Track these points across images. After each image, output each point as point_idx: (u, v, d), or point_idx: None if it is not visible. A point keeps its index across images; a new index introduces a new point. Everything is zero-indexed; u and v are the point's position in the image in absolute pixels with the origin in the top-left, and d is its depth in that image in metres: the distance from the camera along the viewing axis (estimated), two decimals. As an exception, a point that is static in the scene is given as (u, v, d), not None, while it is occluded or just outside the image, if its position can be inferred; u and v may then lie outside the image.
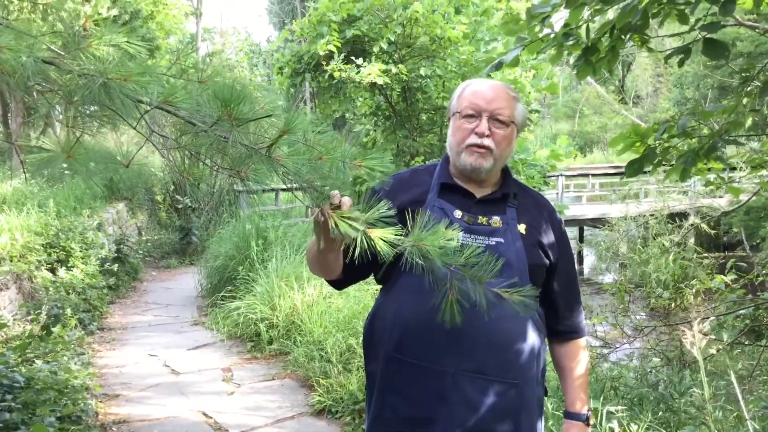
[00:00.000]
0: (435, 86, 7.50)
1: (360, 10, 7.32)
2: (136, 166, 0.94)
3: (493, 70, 2.47)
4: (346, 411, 3.86)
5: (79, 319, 5.60)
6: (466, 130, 1.62)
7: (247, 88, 0.86)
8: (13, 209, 6.78)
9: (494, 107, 1.60)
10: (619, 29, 2.28)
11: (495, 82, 1.67)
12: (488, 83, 1.66)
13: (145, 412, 3.99)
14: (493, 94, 1.62)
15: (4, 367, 3.46)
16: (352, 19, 7.40)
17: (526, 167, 7.37)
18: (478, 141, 1.60)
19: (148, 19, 14.61)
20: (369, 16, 7.28)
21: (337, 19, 7.31)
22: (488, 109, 1.60)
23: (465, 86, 1.69)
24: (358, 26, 7.29)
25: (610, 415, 3.11)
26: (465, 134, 1.62)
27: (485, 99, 1.61)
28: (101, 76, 0.67)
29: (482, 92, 1.62)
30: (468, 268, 1.16)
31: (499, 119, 1.61)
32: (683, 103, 22.21)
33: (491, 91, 1.62)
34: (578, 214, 13.29)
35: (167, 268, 9.64)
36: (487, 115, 1.60)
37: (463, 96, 1.65)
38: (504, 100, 1.62)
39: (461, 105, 1.64)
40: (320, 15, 7.47)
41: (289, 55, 8.00)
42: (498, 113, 1.60)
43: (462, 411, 1.54)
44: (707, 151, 2.44)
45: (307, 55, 7.75)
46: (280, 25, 34.55)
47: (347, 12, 7.32)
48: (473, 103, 1.61)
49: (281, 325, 5.19)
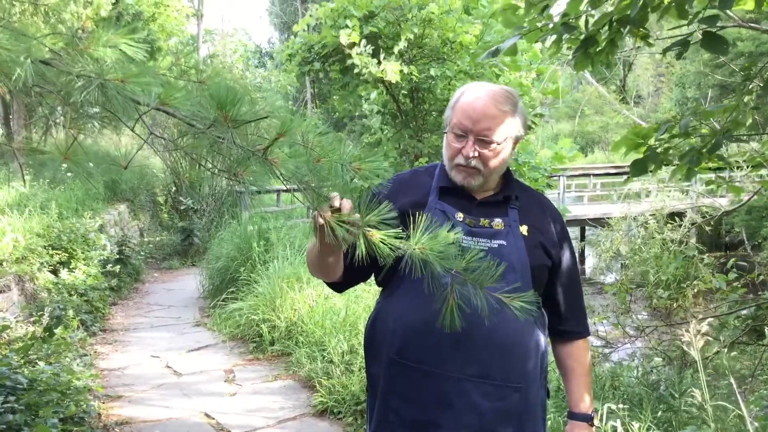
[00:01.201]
0: (442, 88, 7.49)
1: (378, 7, 7.31)
2: (136, 167, 0.95)
3: (490, 56, 2.44)
4: (348, 412, 3.86)
5: (81, 320, 5.61)
6: (455, 149, 1.60)
7: (247, 89, 0.86)
8: (15, 211, 6.80)
9: (480, 128, 1.56)
10: (618, 21, 2.27)
11: (485, 95, 1.59)
12: (480, 97, 1.59)
13: (148, 413, 3.99)
14: (480, 113, 1.56)
15: (7, 368, 3.46)
16: (370, 15, 7.40)
17: (530, 170, 7.35)
18: (464, 162, 1.59)
19: (150, 20, 14.64)
20: (385, 12, 7.27)
21: (359, 15, 7.30)
22: (474, 130, 1.57)
23: (459, 95, 1.64)
24: (375, 23, 7.29)
25: (612, 414, 3.11)
26: (454, 152, 1.61)
27: (471, 119, 1.56)
28: (98, 78, 0.68)
29: (470, 111, 1.57)
30: (469, 273, 1.16)
31: (484, 140, 1.57)
32: (684, 102, 22.17)
33: (480, 109, 1.56)
34: (580, 214, 13.28)
35: (169, 270, 9.65)
36: (473, 136, 1.57)
37: (455, 109, 1.62)
38: (491, 118, 1.56)
39: (452, 121, 1.62)
40: (342, 8, 7.44)
41: (299, 43, 7.96)
42: (484, 135, 1.56)
43: (466, 415, 1.54)
44: (711, 149, 2.44)
45: (318, 45, 7.71)
46: (281, 26, 34.59)
47: (366, 8, 7.31)
48: (461, 123, 1.58)
49: (283, 326, 5.19)
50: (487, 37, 7.47)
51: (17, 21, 9.33)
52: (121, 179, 9.38)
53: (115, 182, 9.94)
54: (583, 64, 2.42)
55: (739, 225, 10.42)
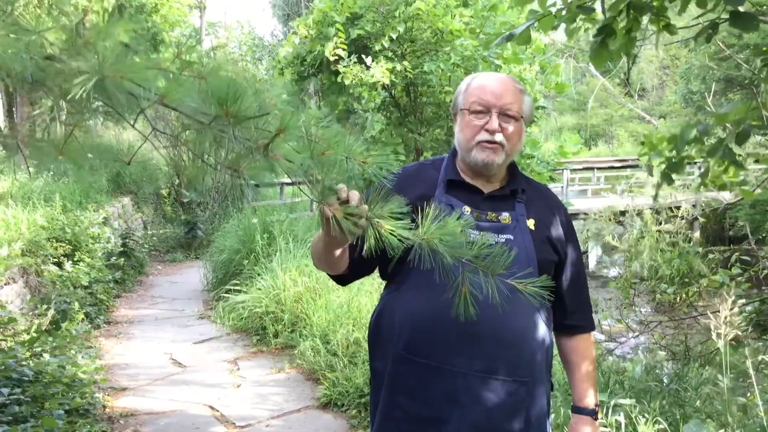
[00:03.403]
0: (438, 80, 7.46)
1: (362, 8, 7.27)
2: (139, 161, 0.94)
3: (504, 41, 2.41)
4: (352, 404, 3.87)
5: (86, 313, 5.63)
6: (475, 127, 1.59)
7: (250, 82, 0.85)
8: (19, 204, 6.81)
9: (503, 102, 1.58)
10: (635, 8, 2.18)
11: (501, 75, 1.65)
12: (495, 76, 1.64)
13: (152, 405, 4.01)
14: (501, 89, 1.59)
15: (14, 361, 3.49)
16: (355, 17, 7.36)
17: (534, 163, 7.34)
18: (489, 137, 1.58)
19: (153, 11, 14.61)
20: (371, 13, 7.24)
21: (341, 20, 7.26)
22: (497, 105, 1.58)
23: (470, 80, 1.66)
24: (362, 25, 7.25)
25: (617, 408, 3.10)
26: (475, 131, 1.59)
27: (494, 94, 1.58)
28: (98, 73, 0.67)
29: (490, 87, 1.60)
30: (480, 260, 1.14)
31: (508, 114, 1.59)
32: (689, 97, 22.06)
33: (499, 86, 1.60)
34: (583, 208, 13.25)
35: (173, 262, 9.67)
36: (496, 110, 1.58)
37: (469, 91, 1.62)
38: (512, 94, 1.60)
39: (468, 100, 1.61)
40: (323, 15, 7.41)
41: (291, 56, 7.92)
42: (507, 108, 1.58)
43: (473, 411, 1.53)
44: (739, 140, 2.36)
45: (310, 56, 7.69)
46: (284, 18, 34.47)
47: (349, 11, 7.26)
48: (482, 99, 1.59)
49: (286, 319, 5.20)
50: (486, 29, 7.45)
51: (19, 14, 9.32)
52: (124, 172, 9.39)
53: (119, 175, 9.94)
54: (601, 58, 2.32)
55: (743, 219, 10.37)
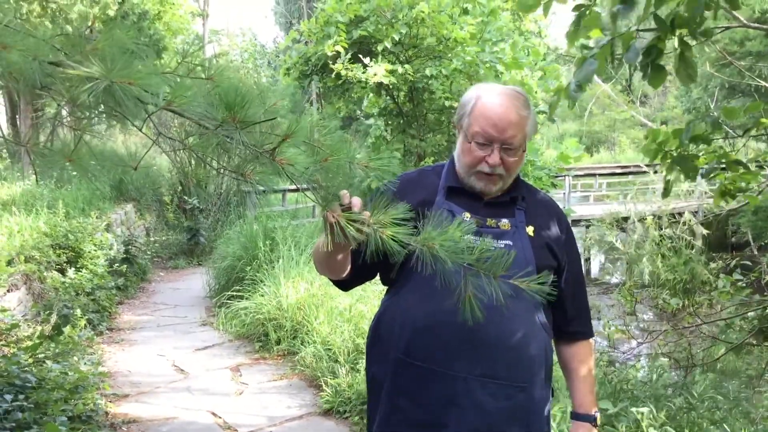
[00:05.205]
0: (441, 86, 7.49)
1: (366, 11, 7.32)
2: (143, 167, 0.95)
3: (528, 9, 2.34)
4: (354, 411, 3.86)
5: (89, 319, 5.63)
6: (477, 157, 1.58)
7: (253, 89, 0.86)
8: (22, 210, 6.83)
9: (506, 136, 1.55)
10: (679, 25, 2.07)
11: (506, 101, 1.57)
12: (499, 101, 1.57)
13: (154, 412, 4.01)
14: (506, 122, 1.54)
15: (17, 367, 3.49)
16: (359, 20, 7.41)
17: (535, 169, 7.34)
18: (489, 170, 1.57)
19: (155, 19, 14.70)
20: (375, 16, 7.28)
21: (344, 20, 7.32)
22: (500, 139, 1.55)
23: (475, 99, 1.60)
24: (365, 27, 7.30)
25: (620, 416, 3.10)
26: (476, 160, 1.58)
27: (497, 128, 1.55)
28: (106, 79, 0.68)
29: (494, 117, 1.55)
30: (481, 263, 1.15)
31: (510, 148, 1.57)
32: (692, 104, 22.03)
33: (503, 116, 1.55)
34: (585, 214, 13.24)
35: (175, 269, 9.67)
36: (498, 145, 1.56)
37: (474, 116, 1.58)
38: (516, 125, 1.55)
39: (472, 129, 1.58)
40: (327, 16, 7.47)
41: (296, 56, 7.99)
42: (510, 142, 1.56)
43: (472, 415, 1.54)
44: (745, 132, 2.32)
45: (314, 57, 7.75)
46: (286, 25, 34.61)
47: (354, 13, 7.32)
48: (485, 132, 1.55)
49: (289, 325, 5.20)
50: (486, 35, 7.48)
51: (25, 21, 9.37)
52: (128, 179, 9.41)
53: (122, 182, 9.97)
54: (659, 79, 2.20)
55: (745, 225, 10.35)
